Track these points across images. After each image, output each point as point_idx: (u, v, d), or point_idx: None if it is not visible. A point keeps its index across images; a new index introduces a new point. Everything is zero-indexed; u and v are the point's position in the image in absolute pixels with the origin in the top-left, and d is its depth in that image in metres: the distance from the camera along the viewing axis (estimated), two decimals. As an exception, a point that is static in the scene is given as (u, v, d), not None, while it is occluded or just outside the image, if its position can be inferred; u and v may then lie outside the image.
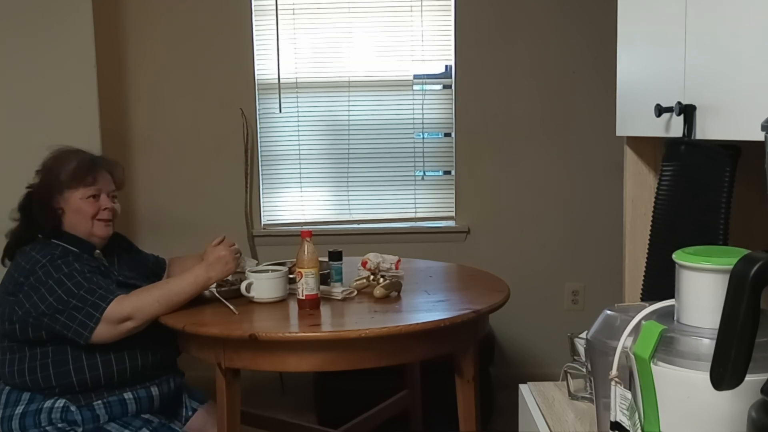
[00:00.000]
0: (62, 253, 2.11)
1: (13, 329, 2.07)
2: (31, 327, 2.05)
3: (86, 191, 2.20)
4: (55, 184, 2.18)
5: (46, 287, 2.03)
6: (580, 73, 3.62)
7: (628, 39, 1.57)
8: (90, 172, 2.22)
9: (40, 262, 2.07)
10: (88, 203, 2.19)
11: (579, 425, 1.32)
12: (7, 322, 2.08)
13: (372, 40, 3.65)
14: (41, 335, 2.06)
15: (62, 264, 2.07)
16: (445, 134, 3.75)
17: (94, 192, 2.21)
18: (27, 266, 2.07)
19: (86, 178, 2.20)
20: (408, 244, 3.59)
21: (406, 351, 2.05)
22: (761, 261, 0.83)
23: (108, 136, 3.30)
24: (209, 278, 2.12)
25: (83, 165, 2.22)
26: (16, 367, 2.09)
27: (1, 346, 2.13)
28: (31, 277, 2.05)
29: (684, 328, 1.00)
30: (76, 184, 2.19)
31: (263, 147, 3.71)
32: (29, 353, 2.08)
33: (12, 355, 2.10)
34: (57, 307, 2.01)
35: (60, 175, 2.18)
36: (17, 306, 2.05)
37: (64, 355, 2.07)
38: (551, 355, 3.64)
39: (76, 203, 2.18)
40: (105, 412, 2.09)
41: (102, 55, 3.26)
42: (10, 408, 2.09)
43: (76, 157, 2.23)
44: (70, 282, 2.03)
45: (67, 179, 2.18)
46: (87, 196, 2.19)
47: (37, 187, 2.21)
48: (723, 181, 1.24)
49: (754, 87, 1.01)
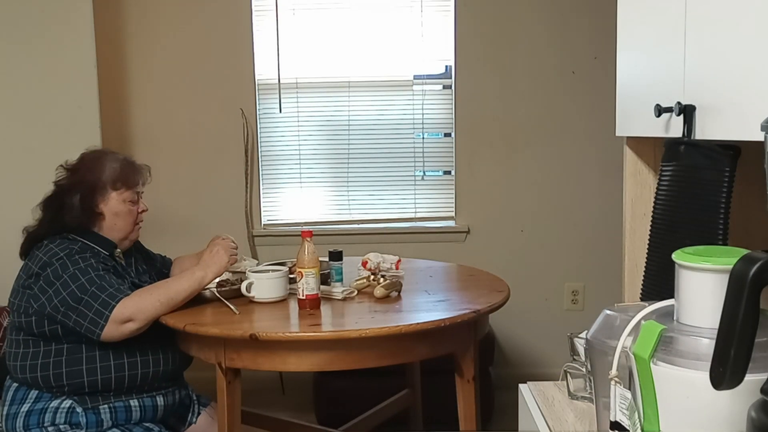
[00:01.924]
0: (81, 248, 2.11)
1: (29, 322, 2.07)
2: (47, 320, 2.05)
3: (129, 194, 2.20)
4: (99, 185, 2.16)
5: (60, 281, 2.03)
6: (580, 73, 3.62)
7: (628, 39, 1.58)
8: (133, 174, 2.22)
9: (58, 255, 2.06)
10: (128, 206, 2.20)
11: (579, 425, 1.32)
12: (24, 314, 2.08)
13: (372, 40, 3.65)
14: (56, 329, 2.05)
15: (79, 258, 2.07)
16: (445, 134, 3.75)
17: (135, 195, 2.22)
18: (45, 258, 2.07)
19: (129, 180, 2.20)
20: (408, 244, 3.59)
21: (406, 351, 2.05)
22: (761, 261, 0.83)
23: (108, 136, 3.30)
24: (206, 275, 2.13)
25: (126, 167, 2.21)
26: (28, 362, 2.08)
27: (15, 339, 2.12)
28: (48, 269, 2.05)
29: (683, 328, 1.00)
30: (120, 186, 2.18)
31: (263, 147, 3.71)
32: (44, 349, 2.08)
33: (26, 350, 2.10)
34: (70, 304, 2.01)
35: (103, 176, 2.16)
36: (33, 299, 2.05)
37: (78, 354, 2.07)
38: (551, 355, 3.64)
39: (117, 206, 2.18)
40: (109, 417, 2.09)
41: (102, 55, 3.26)
42: (16, 405, 2.08)
43: (116, 159, 2.22)
44: (84, 278, 2.03)
45: (112, 180, 2.17)
46: (128, 200, 2.19)
47: (74, 186, 2.16)
48: (723, 181, 1.24)
49: (754, 87, 1.02)
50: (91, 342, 2.05)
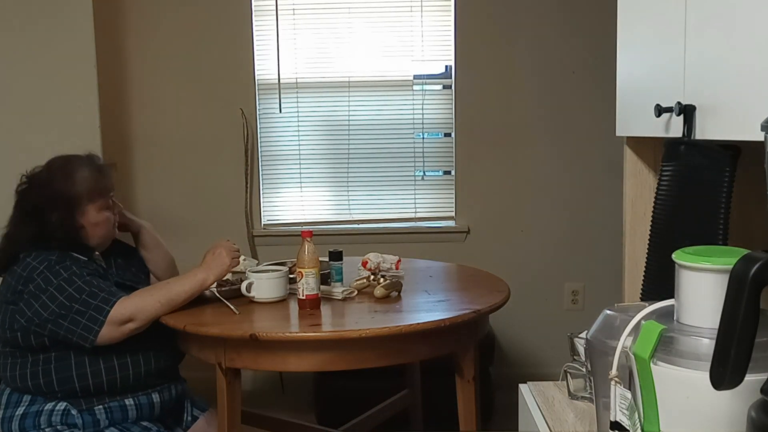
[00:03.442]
0: (59, 258, 2.07)
1: (15, 336, 2.05)
2: (34, 334, 2.03)
3: (103, 202, 2.17)
4: (74, 200, 2.11)
5: (46, 295, 2.01)
6: (580, 73, 3.62)
7: (628, 39, 1.58)
8: (104, 180, 2.19)
9: (38, 269, 2.03)
10: (105, 215, 2.17)
11: (579, 425, 1.32)
12: (9, 330, 2.06)
13: (372, 40, 3.65)
14: (44, 341, 2.04)
15: (61, 269, 2.04)
16: (445, 134, 3.75)
17: (109, 201, 2.20)
18: (24, 274, 2.04)
19: (102, 189, 2.17)
20: (408, 244, 3.59)
21: (406, 351, 2.05)
22: (761, 261, 0.83)
23: (108, 136, 3.30)
24: (207, 277, 2.12)
25: (96, 173, 2.17)
26: (18, 372, 2.07)
27: (1, 351, 2.12)
28: (30, 285, 2.02)
29: (684, 328, 1.00)
30: (96, 197, 2.15)
31: (263, 147, 3.71)
32: (32, 359, 2.07)
33: (14, 360, 2.09)
34: (60, 313, 1.99)
35: (76, 189, 2.11)
36: (18, 314, 2.03)
37: (67, 361, 2.06)
38: (551, 355, 3.64)
39: (95, 217, 2.15)
40: (105, 417, 2.09)
41: (102, 55, 3.26)
42: (11, 409, 2.08)
43: (85, 165, 2.17)
44: (71, 287, 2.01)
45: (86, 192, 2.13)
46: (103, 207, 2.17)
47: (50, 203, 2.09)
48: (723, 181, 1.24)
49: (754, 87, 1.01)
50: (79, 347, 2.03)
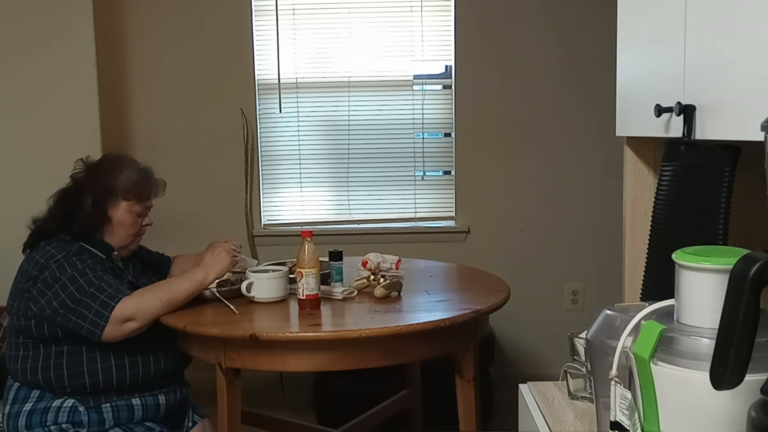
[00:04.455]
0: (78, 250, 2.11)
1: (28, 325, 2.07)
2: (47, 323, 2.04)
3: (138, 207, 2.20)
4: (111, 191, 2.16)
5: (59, 284, 2.03)
6: (580, 73, 3.62)
7: (628, 39, 1.58)
8: (147, 188, 2.23)
9: (55, 257, 2.06)
10: (133, 218, 2.20)
11: (579, 425, 1.32)
12: (23, 318, 2.07)
13: (372, 40, 3.65)
14: (56, 332, 2.05)
15: (77, 260, 2.07)
16: (445, 134, 3.75)
17: (143, 209, 2.22)
18: (42, 260, 2.07)
19: (141, 194, 2.20)
20: (408, 244, 3.59)
21: (406, 351, 2.05)
22: (761, 261, 0.83)
23: (108, 136, 3.31)
24: (207, 276, 2.13)
25: (142, 179, 2.22)
26: (29, 365, 2.08)
27: (15, 342, 2.12)
28: (46, 271, 2.04)
29: (684, 328, 1.00)
30: (131, 197, 2.18)
31: (263, 147, 3.71)
32: (43, 352, 2.08)
33: (26, 353, 2.09)
34: (69, 306, 2.01)
35: (117, 183, 2.16)
36: (32, 302, 2.05)
37: (78, 356, 2.07)
38: (551, 355, 3.64)
39: (123, 215, 2.18)
40: (111, 416, 2.09)
41: (102, 55, 3.26)
42: (18, 405, 2.08)
43: (135, 168, 2.22)
44: (82, 279, 2.03)
45: (124, 189, 2.17)
46: (135, 212, 2.20)
47: (89, 186, 2.16)
48: (723, 181, 1.24)
49: (754, 87, 1.01)
50: (91, 343, 2.05)
